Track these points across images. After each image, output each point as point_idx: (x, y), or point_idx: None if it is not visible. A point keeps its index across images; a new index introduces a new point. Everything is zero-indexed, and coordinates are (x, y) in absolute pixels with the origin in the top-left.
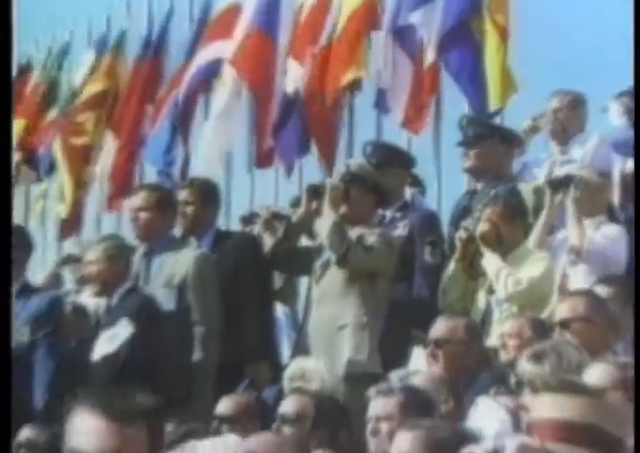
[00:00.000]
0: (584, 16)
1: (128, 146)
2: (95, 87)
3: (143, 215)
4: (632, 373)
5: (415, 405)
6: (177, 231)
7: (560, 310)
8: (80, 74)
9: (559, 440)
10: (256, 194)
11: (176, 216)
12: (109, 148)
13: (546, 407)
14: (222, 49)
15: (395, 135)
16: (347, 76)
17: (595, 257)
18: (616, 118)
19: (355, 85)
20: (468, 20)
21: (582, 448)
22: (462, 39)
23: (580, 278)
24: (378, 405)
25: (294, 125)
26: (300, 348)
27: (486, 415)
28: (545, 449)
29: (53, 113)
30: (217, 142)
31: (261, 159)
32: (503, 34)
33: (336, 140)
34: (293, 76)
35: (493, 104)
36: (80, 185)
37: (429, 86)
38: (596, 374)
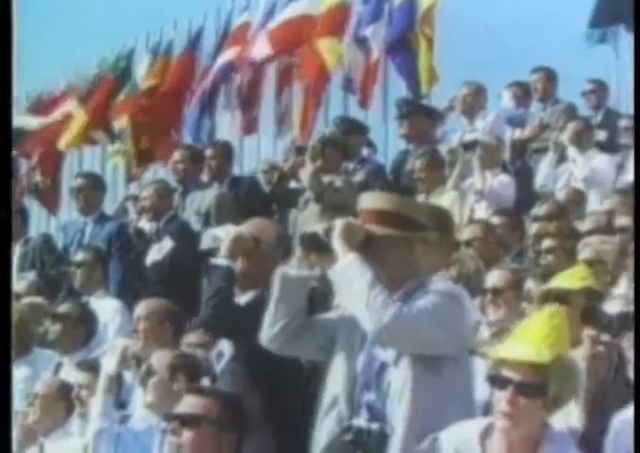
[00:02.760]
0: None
1: (172, 120)
2: (151, 81)
3: (181, 166)
4: (522, 276)
5: None
6: (205, 177)
7: (464, 232)
8: (141, 71)
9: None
10: (261, 152)
11: (204, 167)
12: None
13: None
14: (235, 53)
15: (357, 111)
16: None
17: (492, 196)
18: (508, 101)
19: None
20: (406, 33)
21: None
22: (402, 46)
23: (482, 211)
24: None
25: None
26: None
27: None
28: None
29: (122, 97)
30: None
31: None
32: (430, 42)
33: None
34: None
35: (423, 90)
36: (140, 147)
37: (373, 78)
38: (494, 276)
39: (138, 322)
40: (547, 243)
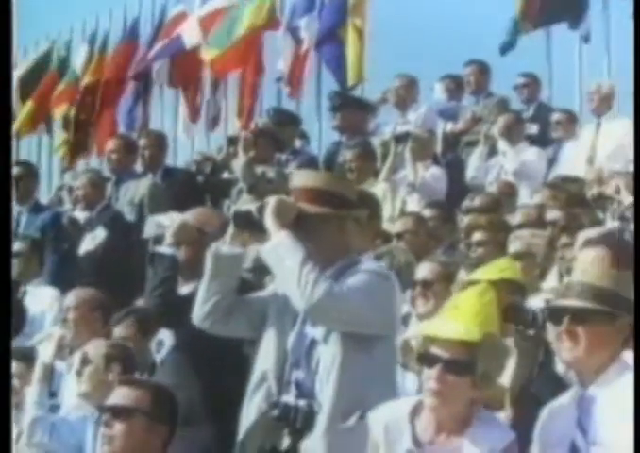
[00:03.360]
0: (421, 18)
1: (109, 110)
2: (89, 77)
3: (115, 156)
4: (452, 268)
5: None
6: (138, 167)
7: (396, 225)
8: (79, 61)
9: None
10: (195, 143)
11: (138, 157)
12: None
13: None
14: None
15: (291, 102)
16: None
17: (424, 189)
18: (440, 94)
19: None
20: (336, 26)
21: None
22: (332, 39)
23: (413, 204)
24: None
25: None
26: None
27: None
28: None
29: (62, 86)
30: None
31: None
32: (360, 34)
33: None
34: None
35: (350, 82)
36: (77, 136)
37: (303, 69)
38: (424, 269)
39: (68, 311)
40: (477, 235)
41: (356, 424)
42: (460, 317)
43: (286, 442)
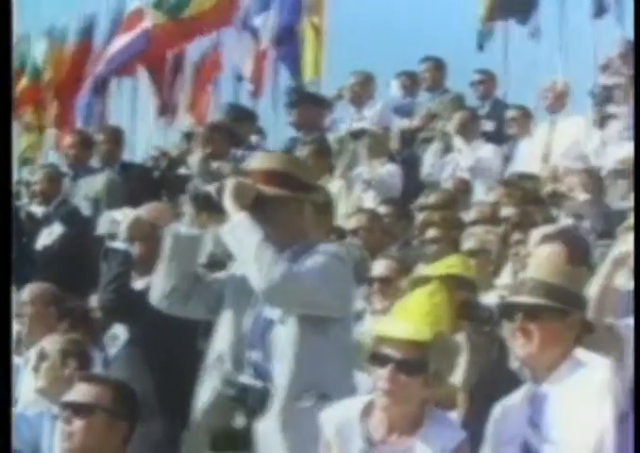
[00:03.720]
0: (378, 15)
1: (67, 106)
2: (49, 73)
3: (72, 151)
4: (407, 265)
5: None
6: (96, 163)
7: (351, 221)
8: (39, 56)
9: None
10: (152, 138)
11: (94, 152)
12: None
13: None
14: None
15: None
16: None
17: (379, 186)
18: (396, 91)
19: None
20: (293, 23)
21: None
22: (288, 36)
23: (369, 200)
24: None
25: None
26: None
27: None
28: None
29: (24, 82)
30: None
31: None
32: (318, 31)
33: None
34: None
35: (306, 78)
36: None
37: (262, 67)
38: (380, 266)
39: (22, 306)
40: (431, 232)
41: (311, 405)
42: (410, 317)
43: (241, 422)
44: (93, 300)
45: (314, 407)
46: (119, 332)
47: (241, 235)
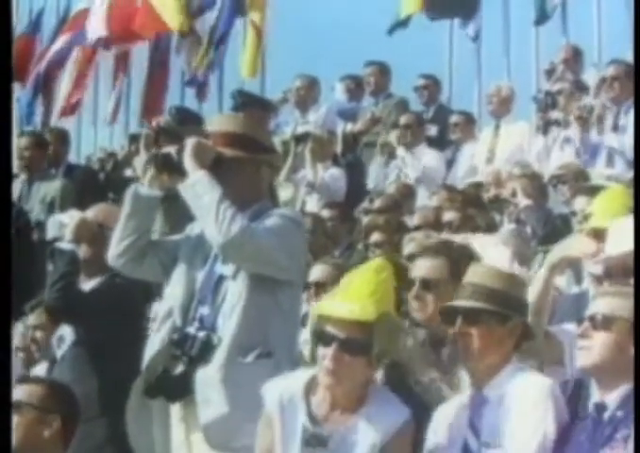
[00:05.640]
0: (323, 17)
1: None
2: None
3: (27, 153)
4: (345, 270)
5: None
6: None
7: None
8: None
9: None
10: (98, 140)
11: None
12: None
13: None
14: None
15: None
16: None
17: (323, 189)
18: (340, 94)
19: None
20: (234, 23)
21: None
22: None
23: (313, 204)
24: None
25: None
26: None
27: None
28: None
29: None
30: None
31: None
32: (258, 32)
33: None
34: None
35: (244, 76)
36: None
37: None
38: (317, 271)
39: None
40: (375, 236)
41: (253, 361)
42: (355, 296)
43: (180, 368)
44: None
45: (257, 363)
46: (66, 334)
47: (201, 191)
